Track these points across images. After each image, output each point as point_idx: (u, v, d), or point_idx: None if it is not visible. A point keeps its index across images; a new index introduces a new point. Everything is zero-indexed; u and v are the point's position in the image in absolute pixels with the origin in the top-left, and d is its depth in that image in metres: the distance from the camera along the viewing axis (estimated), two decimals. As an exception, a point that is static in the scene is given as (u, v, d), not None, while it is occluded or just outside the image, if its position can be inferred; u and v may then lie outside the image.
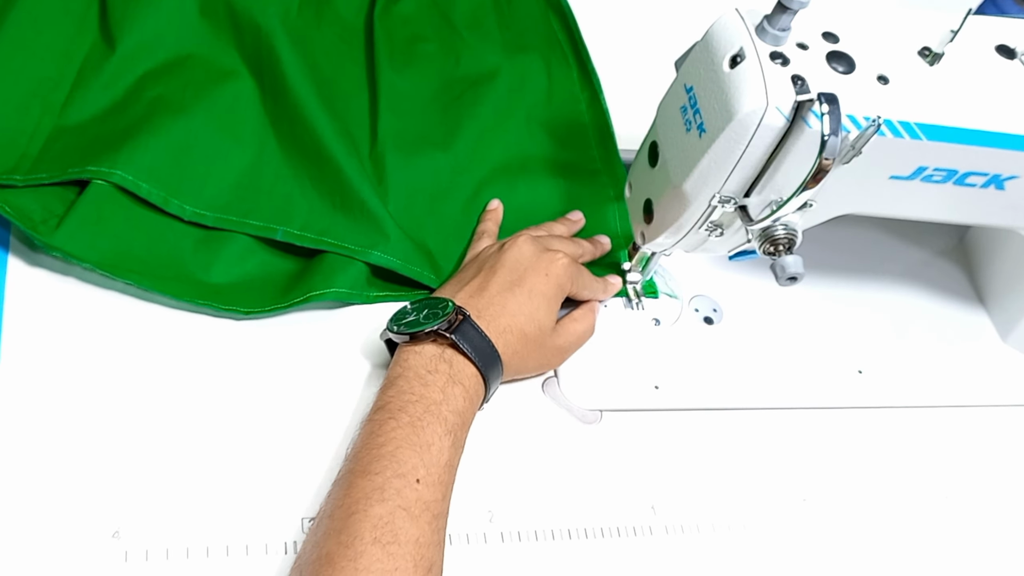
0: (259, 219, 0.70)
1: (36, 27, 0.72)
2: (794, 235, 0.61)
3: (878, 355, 0.79)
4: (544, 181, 0.80)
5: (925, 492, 0.73)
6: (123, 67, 0.73)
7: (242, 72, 0.76)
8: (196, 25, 0.77)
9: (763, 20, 0.58)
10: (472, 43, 0.86)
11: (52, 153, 0.68)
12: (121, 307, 0.67)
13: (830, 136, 0.56)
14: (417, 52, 0.83)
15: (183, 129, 0.71)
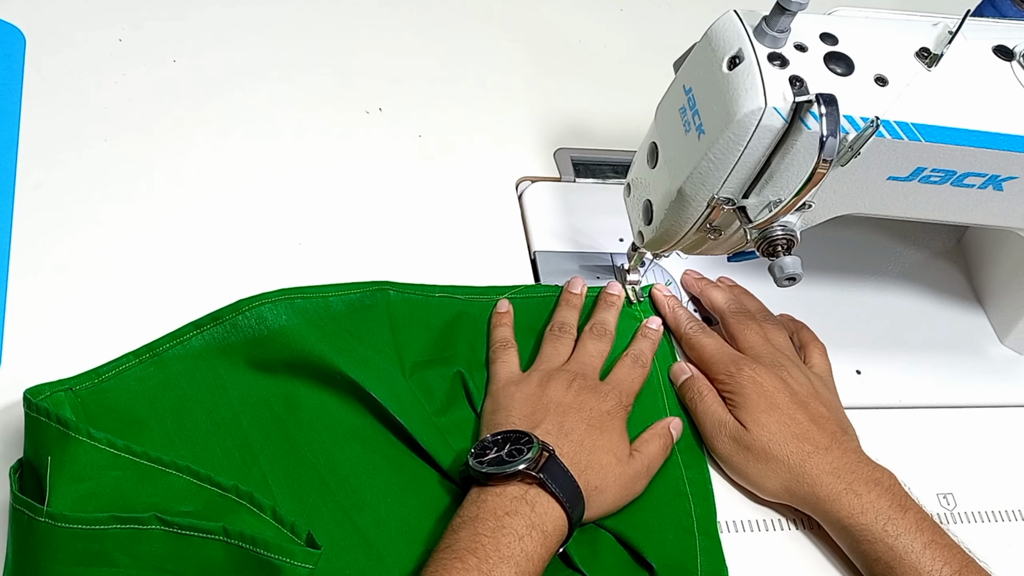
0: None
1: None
2: (793, 236, 0.61)
3: (876, 355, 0.79)
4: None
5: (924, 492, 0.73)
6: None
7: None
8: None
9: (762, 22, 0.58)
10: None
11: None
12: (121, 306, 0.68)
13: (828, 137, 0.56)
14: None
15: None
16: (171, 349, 0.66)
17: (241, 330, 0.67)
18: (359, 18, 0.91)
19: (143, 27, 0.84)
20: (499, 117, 0.86)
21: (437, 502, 0.64)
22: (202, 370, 0.66)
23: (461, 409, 0.69)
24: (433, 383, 0.69)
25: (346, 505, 0.63)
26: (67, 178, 0.73)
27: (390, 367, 0.68)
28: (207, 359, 0.66)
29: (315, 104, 0.83)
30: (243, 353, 0.66)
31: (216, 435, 0.64)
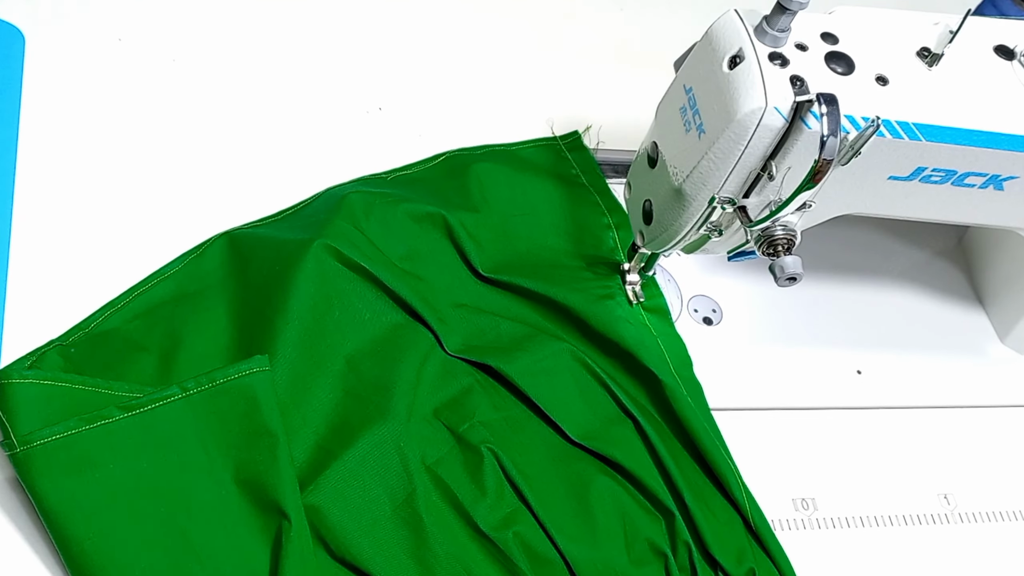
0: None
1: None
2: (793, 236, 0.61)
3: (877, 356, 0.79)
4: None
5: (924, 492, 0.73)
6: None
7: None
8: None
9: (762, 21, 0.58)
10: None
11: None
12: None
13: (829, 137, 0.56)
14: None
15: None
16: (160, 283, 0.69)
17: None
18: (359, 18, 0.91)
19: (143, 27, 0.84)
20: (499, 117, 0.86)
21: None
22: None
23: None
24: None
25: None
26: (67, 178, 0.73)
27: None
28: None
29: (315, 104, 0.83)
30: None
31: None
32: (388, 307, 0.70)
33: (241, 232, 0.73)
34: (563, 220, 0.79)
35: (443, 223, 0.74)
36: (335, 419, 0.65)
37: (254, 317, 0.67)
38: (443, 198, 0.77)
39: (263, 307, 0.67)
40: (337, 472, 0.62)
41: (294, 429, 0.63)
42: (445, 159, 0.81)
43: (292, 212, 0.75)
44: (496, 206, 0.78)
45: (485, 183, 0.79)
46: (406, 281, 0.70)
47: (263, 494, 0.59)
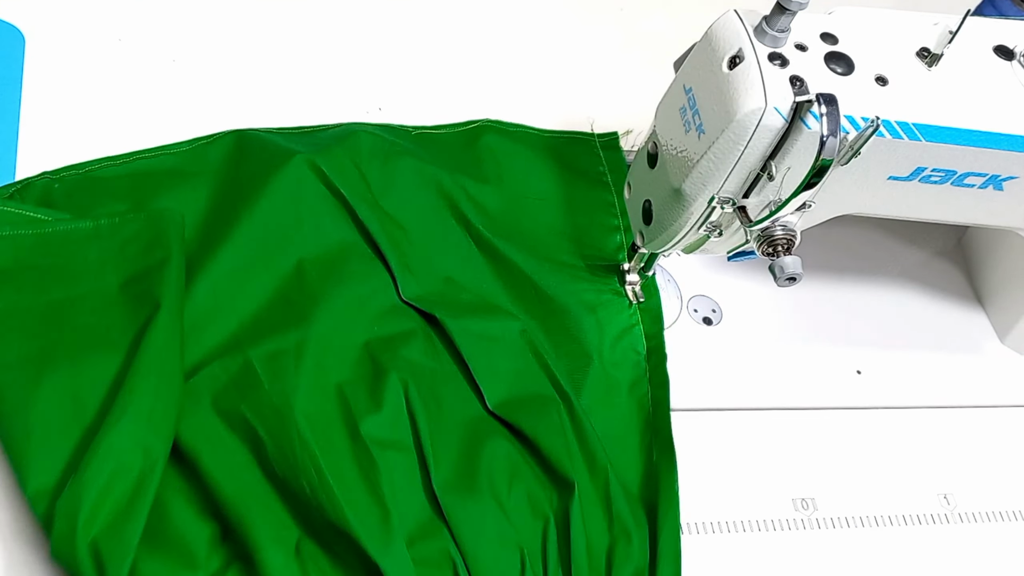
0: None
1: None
2: (793, 236, 0.61)
3: (876, 356, 0.79)
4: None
5: (924, 492, 0.73)
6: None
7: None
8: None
9: (762, 21, 0.58)
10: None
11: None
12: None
13: (829, 137, 0.56)
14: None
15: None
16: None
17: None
18: (359, 19, 0.91)
19: (143, 27, 0.84)
20: (498, 117, 0.86)
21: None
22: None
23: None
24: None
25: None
26: (67, 178, 0.73)
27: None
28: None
29: (314, 105, 0.83)
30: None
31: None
32: (355, 238, 0.71)
33: (252, 133, 0.76)
34: (575, 214, 0.80)
35: (445, 184, 0.76)
36: (261, 315, 0.66)
37: (225, 207, 0.70)
38: (455, 162, 0.78)
39: (236, 199, 0.70)
40: (234, 360, 0.63)
41: (219, 312, 0.65)
42: (476, 127, 0.82)
43: (309, 131, 0.78)
44: (509, 183, 0.79)
45: (503, 161, 0.80)
46: (383, 223, 0.71)
47: (144, 296, 0.61)
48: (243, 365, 0.63)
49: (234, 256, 0.67)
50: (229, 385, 0.62)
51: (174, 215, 0.66)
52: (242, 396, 0.61)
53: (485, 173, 0.79)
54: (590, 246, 0.78)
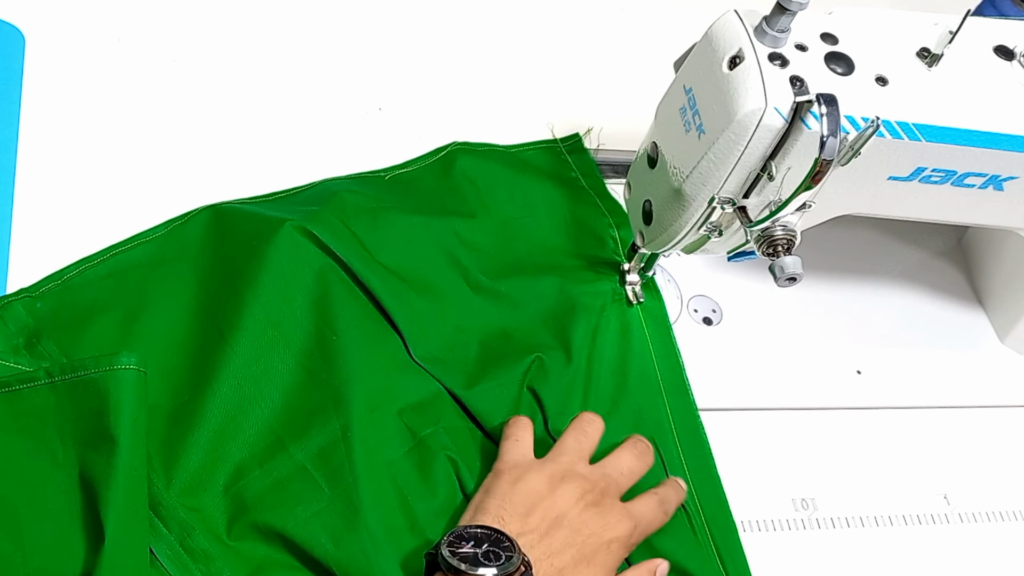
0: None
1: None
2: (793, 236, 0.61)
3: (877, 356, 0.79)
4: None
5: (924, 493, 0.73)
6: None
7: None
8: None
9: (762, 21, 0.58)
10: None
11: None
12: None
13: (829, 137, 0.56)
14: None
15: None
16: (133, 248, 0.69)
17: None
18: (359, 19, 0.91)
19: (143, 27, 0.84)
20: (499, 117, 0.86)
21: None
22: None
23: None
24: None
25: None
26: (67, 178, 0.73)
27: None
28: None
29: (315, 105, 0.83)
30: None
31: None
32: (358, 301, 0.69)
33: (227, 207, 0.73)
34: (563, 221, 0.79)
35: (436, 231, 0.74)
36: (291, 399, 0.64)
37: (223, 288, 0.67)
38: (439, 203, 0.77)
39: (234, 279, 0.67)
40: (282, 463, 0.61)
41: (249, 404, 0.62)
42: (445, 155, 0.81)
43: (284, 196, 0.75)
44: (494, 209, 0.78)
45: (482, 186, 0.79)
46: (384, 279, 0.69)
47: (93, 501, 0.55)
48: (296, 468, 0.61)
49: (252, 342, 0.65)
50: (276, 488, 0.61)
51: (127, 375, 0.57)
52: (297, 502, 0.60)
53: (469, 206, 0.77)
54: (592, 247, 0.78)
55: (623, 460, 0.64)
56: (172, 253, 0.70)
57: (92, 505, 0.55)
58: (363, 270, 0.69)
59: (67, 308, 0.66)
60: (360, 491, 0.60)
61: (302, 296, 0.67)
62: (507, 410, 0.67)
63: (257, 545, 0.59)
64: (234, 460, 0.61)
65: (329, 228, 0.69)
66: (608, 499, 0.61)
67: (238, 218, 0.71)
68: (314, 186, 0.77)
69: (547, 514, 0.58)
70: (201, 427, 0.61)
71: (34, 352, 0.63)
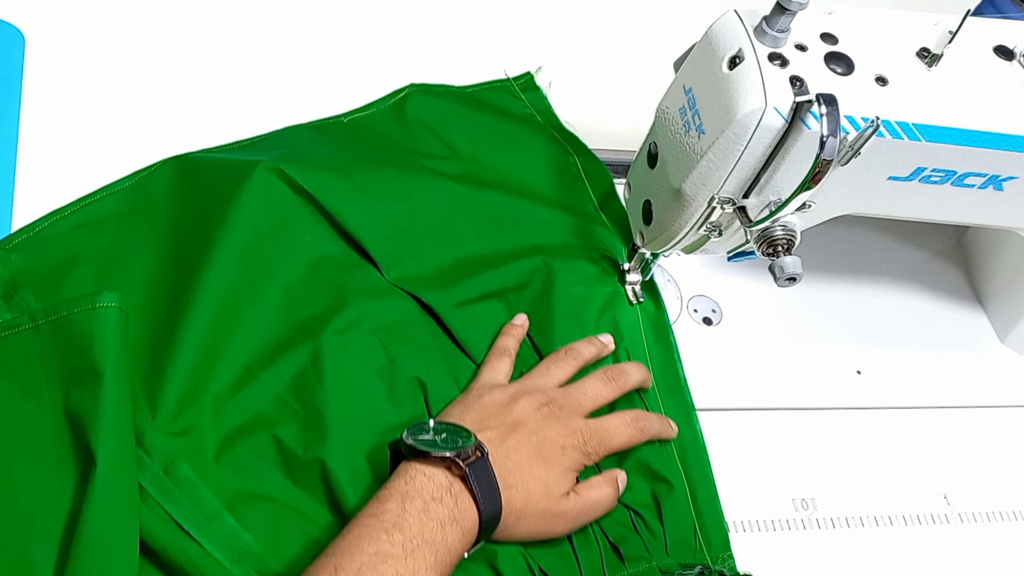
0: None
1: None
2: (793, 236, 0.61)
3: (877, 356, 0.79)
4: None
5: (924, 492, 0.73)
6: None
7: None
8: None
9: (762, 21, 0.58)
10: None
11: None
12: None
13: (829, 137, 0.56)
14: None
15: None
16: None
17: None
18: (360, 19, 0.91)
19: (143, 27, 0.84)
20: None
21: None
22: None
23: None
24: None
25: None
26: (67, 178, 0.73)
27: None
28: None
29: (315, 104, 0.83)
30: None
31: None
32: (328, 235, 0.71)
33: (192, 156, 0.74)
34: (524, 152, 0.81)
35: (407, 159, 0.77)
36: (262, 333, 0.66)
37: (194, 231, 0.68)
38: (399, 145, 0.79)
39: (205, 222, 0.68)
40: (257, 392, 0.63)
41: (223, 337, 0.64)
42: (401, 98, 0.83)
43: (248, 144, 0.78)
44: (457, 147, 0.80)
45: (439, 129, 0.81)
46: (356, 207, 0.71)
47: (81, 437, 0.57)
48: (271, 397, 0.64)
49: (224, 277, 0.66)
50: (254, 417, 0.63)
51: (110, 313, 0.59)
52: (275, 424, 0.63)
53: (430, 147, 0.80)
54: (557, 178, 0.80)
55: (588, 383, 0.66)
56: (141, 202, 0.71)
57: (80, 441, 0.56)
58: (332, 203, 0.70)
59: (42, 260, 0.67)
60: (330, 407, 0.63)
61: (271, 236, 0.69)
62: (484, 325, 0.70)
63: (239, 469, 0.61)
64: (213, 391, 0.63)
65: (299, 165, 0.71)
66: (567, 412, 0.63)
67: (204, 166, 0.73)
68: (276, 134, 0.79)
69: (505, 419, 0.62)
70: (180, 359, 0.63)
71: (12, 303, 0.65)
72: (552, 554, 0.62)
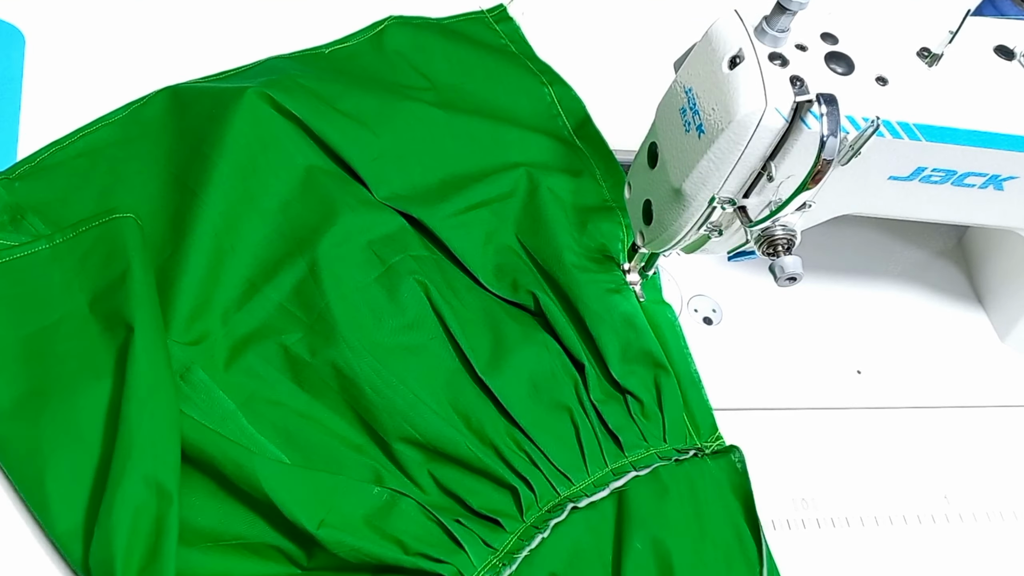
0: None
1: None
2: (793, 236, 0.61)
3: (877, 355, 0.79)
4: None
5: (924, 492, 0.73)
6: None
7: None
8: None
9: (762, 21, 0.58)
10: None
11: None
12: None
13: (829, 137, 0.56)
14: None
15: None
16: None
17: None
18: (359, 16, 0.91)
19: (143, 27, 0.84)
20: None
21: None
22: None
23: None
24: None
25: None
26: (67, 178, 0.73)
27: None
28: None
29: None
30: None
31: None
32: (318, 155, 0.73)
33: (184, 86, 0.78)
34: (502, 83, 0.84)
35: (389, 85, 0.80)
36: (262, 249, 0.69)
37: (190, 155, 0.72)
38: (379, 76, 0.82)
39: (199, 144, 0.72)
40: (261, 305, 0.67)
41: (226, 253, 0.68)
42: (381, 30, 0.85)
43: (234, 73, 0.81)
44: (434, 78, 0.83)
45: (417, 61, 0.84)
46: (343, 129, 0.74)
47: (115, 315, 0.61)
48: (274, 307, 0.67)
49: (223, 196, 0.69)
50: (260, 327, 0.66)
51: (127, 221, 0.66)
52: (281, 332, 0.66)
53: (409, 78, 0.82)
54: (529, 106, 0.83)
55: None
56: (136, 131, 0.75)
57: (112, 319, 0.61)
58: (320, 124, 0.74)
59: (45, 187, 0.71)
60: (333, 312, 0.66)
61: (264, 157, 0.72)
62: (473, 233, 0.72)
63: (250, 376, 0.64)
64: (221, 304, 0.66)
65: (286, 90, 0.74)
66: None
67: (195, 94, 0.76)
68: (259, 64, 0.81)
69: None
70: (188, 274, 0.66)
71: (20, 228, 0.68)
72: (557, 444, 0.64)
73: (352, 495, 0.59)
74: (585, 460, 0.64)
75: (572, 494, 0.63)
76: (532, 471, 0.63)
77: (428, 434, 0.62)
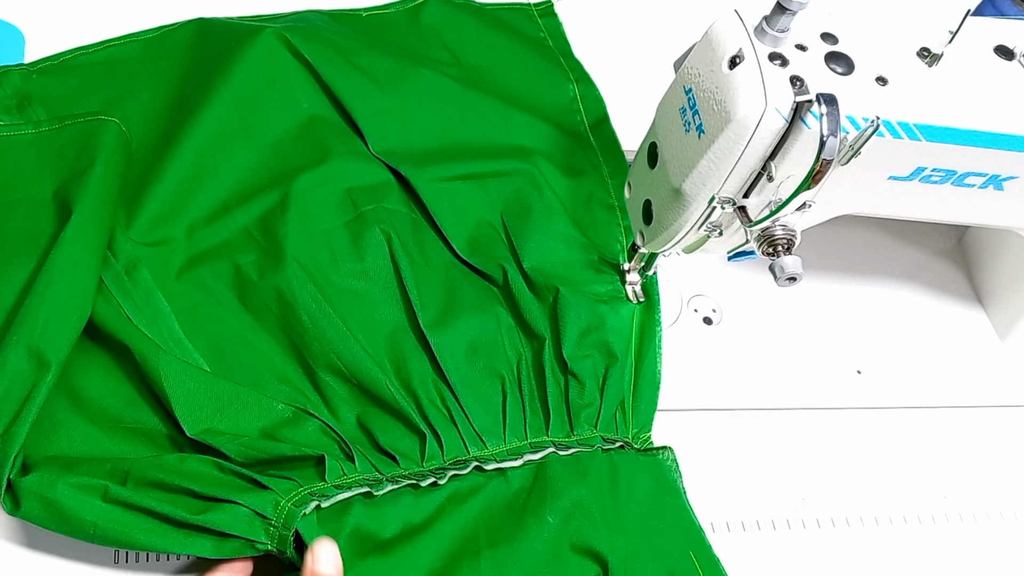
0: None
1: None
2: (793, 235, 0.61)
3: (877, 355, 0.79)
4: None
5: (924, 492, 0.73)
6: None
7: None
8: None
9: (762, 21, 0.58)
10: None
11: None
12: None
13: (829, 137, 0.56)
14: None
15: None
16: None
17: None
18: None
19: (143, 27, 0.84)
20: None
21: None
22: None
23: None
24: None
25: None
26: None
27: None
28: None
29: None
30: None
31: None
32: (323, 102, 0.76)
33: (214, 19, 0.81)
34: (528, 72, 0.85)
35: (411, 54, 0.81)
36: (243, 176, 0.71)
37: (201, 80, 0.75)
38: (409, 48, 0.83)
39: (209, 71, 0.75)
40: (227, 225, 0.69)
41: (206, 173, 0.71)
42: (423, 2, 0.87)
43: (268, 18, 0.83)
44: (462, 57, 0.84)
45: (449, 39, 0.85)
46: (351, 81, 0.76)
47: (65, 205, 0.64)
48: (239, 229, 0.69)
49: (217, 121, 0.72)
50: (220, 244, 0.68)
51: (110, 123, 0.69)
52: (237, 251, 0.68)
53: (438, 53, 0.84)
54: (551, 99, 0.84)
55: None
56: (160, 52, 0.79)
57: (66, 211, 0.64)
58: (329, 72, 0.76)
59: (59, 83, 0.75)
60: (290, 241, 0.68)
61: (270, 94, 0.75)
62: (457, 203, 0.73)
63: (198, 287, 0.66)
64: (187, 217, 0.69)
65: (304, 36, 0.77)
66: None
67: (223, 27, 0.80)
68: (295, 13, 0.83)
69: None
70: (164, 181, 0.69)
71: (24, 113, 0.72)
72: (480, 407, 0.64)
73: (254, 408, 0.61)
74: (505, 428, 0.64)
75: (481, 456, 0.63)
76: (447, 425, 0.63)
77: (353, 368, 0.63)
